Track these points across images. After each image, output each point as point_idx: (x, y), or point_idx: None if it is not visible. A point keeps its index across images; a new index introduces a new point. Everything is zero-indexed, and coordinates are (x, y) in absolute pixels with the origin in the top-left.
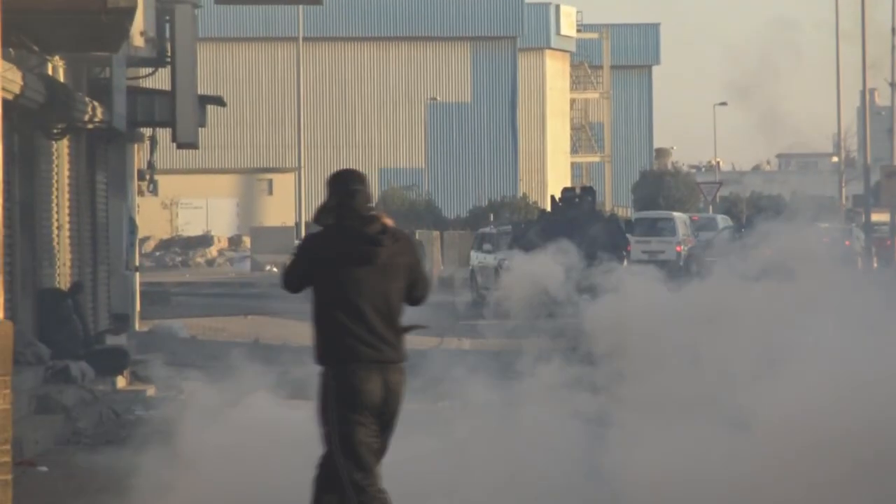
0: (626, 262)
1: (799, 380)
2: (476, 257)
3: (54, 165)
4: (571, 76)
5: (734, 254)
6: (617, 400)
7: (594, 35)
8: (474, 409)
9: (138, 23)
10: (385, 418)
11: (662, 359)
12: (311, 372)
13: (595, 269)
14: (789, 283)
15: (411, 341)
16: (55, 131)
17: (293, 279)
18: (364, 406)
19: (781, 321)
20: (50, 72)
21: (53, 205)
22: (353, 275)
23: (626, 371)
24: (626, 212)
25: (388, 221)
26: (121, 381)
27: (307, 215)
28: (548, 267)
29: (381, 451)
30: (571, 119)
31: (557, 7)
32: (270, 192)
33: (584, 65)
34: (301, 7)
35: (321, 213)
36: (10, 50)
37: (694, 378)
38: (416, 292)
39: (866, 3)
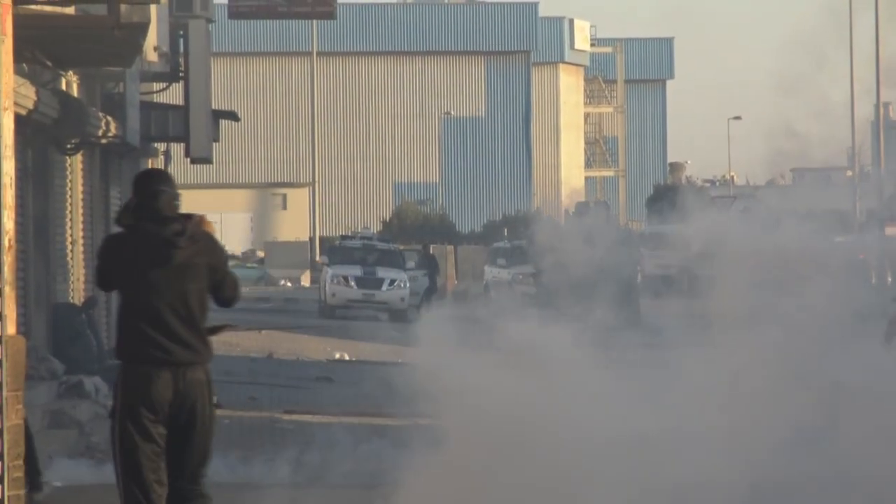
0: (639, 277)
1: None
2: (490, 272)
3: (68, 180)
4: (585, 90)
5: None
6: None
7: (608, 49)
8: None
9: (152, 38)
10: (183, 420)
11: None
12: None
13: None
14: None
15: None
16: (69, 146)
17: (101, 279)
18: (148, 408)
19: None
20: (63, 87)
21: (67, 220)
22: (149, 276)
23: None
24: (640, 226)
25: (209, 225)
26: None
27: (321, 230)
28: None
29: (194, 455)
30: (585, 133)
31: (571, 21)
32: (284, 207)
33: (598, 79)
34: (315, 22)
35: (122, 214)
36: (24, 65)
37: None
38: (223, 293)
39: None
